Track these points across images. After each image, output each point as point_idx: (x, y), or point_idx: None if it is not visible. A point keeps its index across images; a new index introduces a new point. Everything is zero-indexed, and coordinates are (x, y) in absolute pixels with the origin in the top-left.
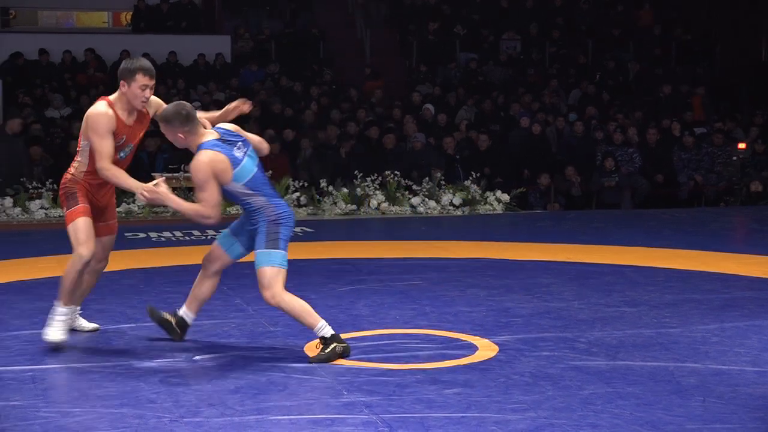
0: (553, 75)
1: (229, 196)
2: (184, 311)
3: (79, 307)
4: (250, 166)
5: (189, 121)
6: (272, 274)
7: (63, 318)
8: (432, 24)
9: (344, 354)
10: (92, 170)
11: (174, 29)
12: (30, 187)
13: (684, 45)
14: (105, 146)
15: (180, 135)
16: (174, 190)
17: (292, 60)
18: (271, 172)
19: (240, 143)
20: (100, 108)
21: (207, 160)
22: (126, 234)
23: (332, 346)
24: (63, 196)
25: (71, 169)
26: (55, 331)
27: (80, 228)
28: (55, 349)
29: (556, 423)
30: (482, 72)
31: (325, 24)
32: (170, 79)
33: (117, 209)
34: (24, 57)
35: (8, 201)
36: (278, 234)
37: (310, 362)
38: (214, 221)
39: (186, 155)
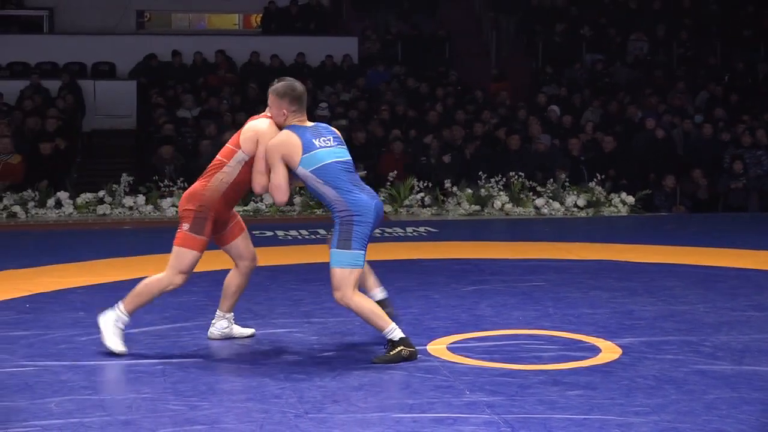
0: (680, 76)
1: (306, 184)
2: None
3: (231, 314)
4: (324, 156)
5: (298, 102)
6: (342, 275)
7: (122, 326)
8: (559, 25)
9: (410, 359)
10: (240, 181)
11: (302, 31)
12: (162, 185)
13: None
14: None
15: (284, 112)
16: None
17: (418, 61)
18: (396, 172)
19: (331, 137)
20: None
21: (278, 141)
22: (254, 232)
23: (398, 349)
24: (191, 213)
25: (211, 182)
26: (116, 341)
27: (191, 260)
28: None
29: (679, 427)
30: (608, 73)
31: (451, 25)
32: (298, 80)
33: (245, 207)
34: (157, 58)
35: (141, 199)
36: (350, 233)
37: (372, 362)
38: (280, 201)
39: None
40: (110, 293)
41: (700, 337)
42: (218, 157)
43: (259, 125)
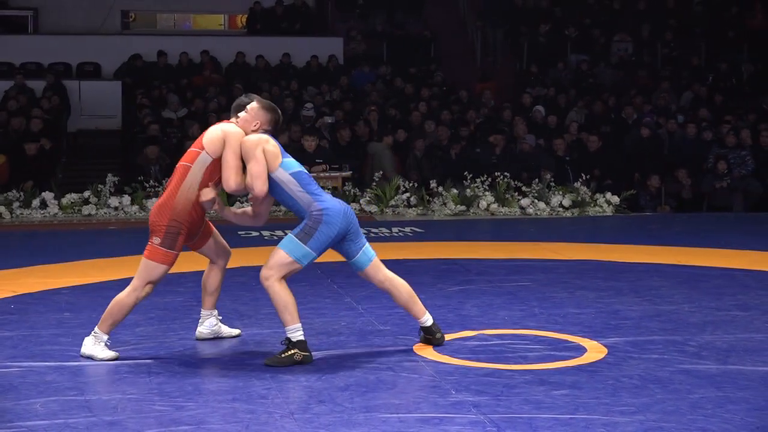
0: (664, 77)
1: (277, 192)
2: None
3: (216, 311)
4: (295, 164)
5: (275, 125)
6: (282, 259)
7: (105, 342)
8: (543, 26)
9: (302, 363)
10: (206, 185)
11: (288, 31)
12: (147, 185)
13: None
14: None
15: (258, 124)
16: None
17: (403, 61)
18: (381, 173)
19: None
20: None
21: (258, 138)
22: (239, 233)
23: (293, 351)
24: (163, 228)
25: (179, 192)
26: (104, 352)
27: (159, 274)
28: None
29: (665, 426)
30: (593, 74)
31: (436, 26)
32: (283, 81)
33: (231, 207)
34: (142, 59)
35: (126, 199)
36: (314, 231)
37: (265, 364)
38: (260, 190)
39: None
40: (96, 293)
41: (685, 336)
42: (181, 162)
43: (227, 127)
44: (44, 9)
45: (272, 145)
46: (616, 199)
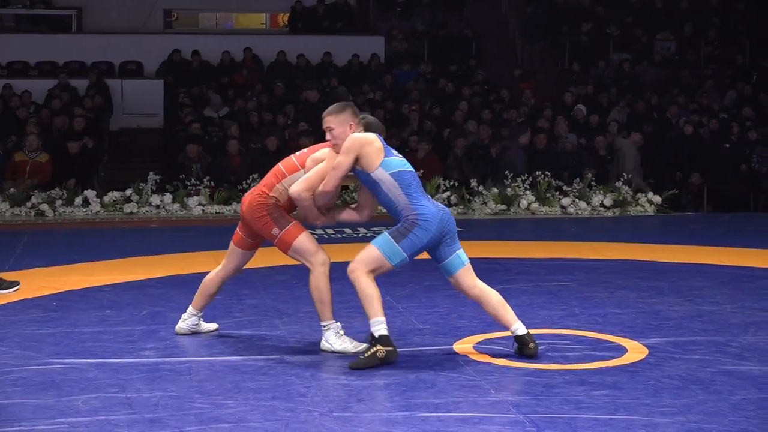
0: (708, 76)
1: (376, 192)
2: None
3: (201, 313)
4: (399, 164)
5: (357, 111)
6: (373, 255)
7: (341, 331)
8: (585, 25)
9: (385, 360)
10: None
11: (329, 30)
12: (188, 183)
13: None
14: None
15: (351, 125)
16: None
17: (444, 60)
18: (422, 171)
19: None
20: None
21: (363, 137)
22: None
23: (375, 349)
24: (266, 218)
25: (272, 192)
26: (345, 343)
27: (308, 242)
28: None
29: (706, 428)
30: (635, 72)
31: (478, 24)
32: (324, 79)
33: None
34: (183, 57)
35: (167, 197)
36: (408, 232)
37: (350, 367)
38: (307, 199)
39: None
40: (137, 291)
41: (727, 337)
42: (280, 167)
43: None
44: (87, 8)
45: (376, 146)
46: (657, 199)
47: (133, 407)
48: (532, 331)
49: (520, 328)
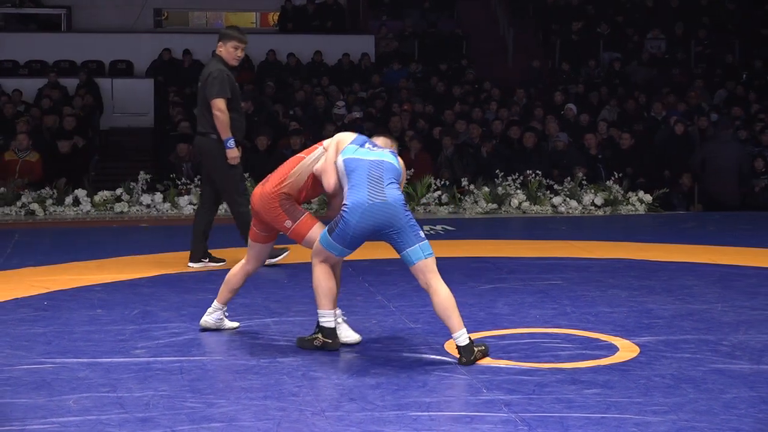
0: (698, 75)
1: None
2: None
3: (226, 307)
4: (349, 150)
5: None
6: (317, 249)
7: (341, 319)
8: (575, 23)
9: (322, 348)
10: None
11: (319, 29)
12: (179, 183)
13: None
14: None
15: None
16: None
17: (435, 59)
18: (412, 170)
19: (384, 151)
20: None
21: (341, 133)
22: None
23: (314, 336)
24: (277, 209)
25: (283, 184)
26: (348, 334)
27: (320, 231)
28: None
29: (697, 426)
30: (626, 71)
31: (469, 23)
32: (315, 78)
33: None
34: (174, 56)
35: (158, 196)
36: (337, 225)
37: (296, 345)
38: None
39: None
40: (128, 290)
41: (719, 336)
42: (290, 161)
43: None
44: (77, 7)
45: (348, 135)
46: (648, 198)
47: (125, 406)
48: (523, 330)
49: (461, 337)
